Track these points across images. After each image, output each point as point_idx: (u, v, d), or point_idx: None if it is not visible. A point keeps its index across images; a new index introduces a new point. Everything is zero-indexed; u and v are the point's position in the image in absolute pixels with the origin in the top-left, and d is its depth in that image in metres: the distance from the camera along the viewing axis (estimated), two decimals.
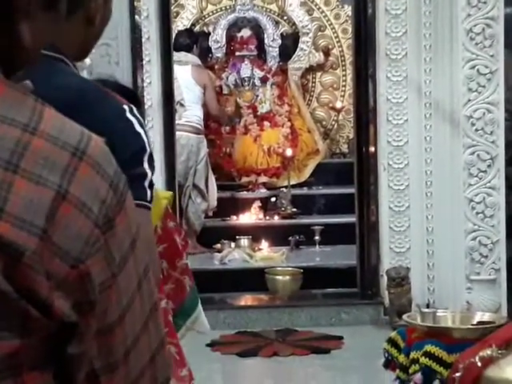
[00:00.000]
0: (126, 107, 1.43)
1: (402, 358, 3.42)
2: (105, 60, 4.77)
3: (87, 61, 4.16)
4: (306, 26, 8.61)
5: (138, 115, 1.46)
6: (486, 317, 3.65)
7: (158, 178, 5.55)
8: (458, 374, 2.04)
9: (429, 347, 3.29)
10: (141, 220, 0.89)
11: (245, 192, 7.97)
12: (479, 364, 2.02)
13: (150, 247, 1.37)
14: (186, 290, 2.53)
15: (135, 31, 5.19)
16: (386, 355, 3.55)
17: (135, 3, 5.24)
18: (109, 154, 0.80)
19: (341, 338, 5.36)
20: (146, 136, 1.46)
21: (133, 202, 0.82)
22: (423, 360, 3.28)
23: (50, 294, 0.74)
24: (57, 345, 0.77)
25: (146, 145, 1.45)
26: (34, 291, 0.73)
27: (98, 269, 0.77)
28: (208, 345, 5.21)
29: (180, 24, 8.34)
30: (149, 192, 1.44)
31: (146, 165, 1.44)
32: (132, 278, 0.81)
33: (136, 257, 0.81)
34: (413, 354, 3.34)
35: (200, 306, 2.62)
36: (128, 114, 1.43)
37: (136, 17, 5.26)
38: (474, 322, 3.54)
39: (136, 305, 0.81)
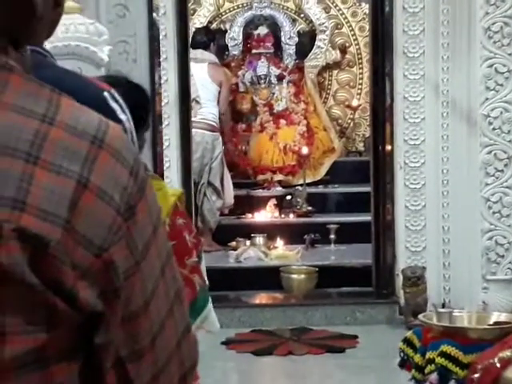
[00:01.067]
0: (106, 94, 1.41)
1: (417, 358, 3.41)
2: (122, 57, 4.77)
3: (105, 58, 4.17)
4: (323, 23, 8.59)
5: (121, 100, 1.43)
6: (503, 317, 3.62)
7: (174, 175, 5.55)
8: (476, 375, 2.03)
9: (445, 347, 3.28)
10: None
11: (260, 190, 7.96)
12: (498, 365, 2.01)
13: None
14: (195, 288, 2.52)
15: (153, 28, 5.19)
16: (402, 355, 3.53)
17: (153, 0, 5.24)
18: (127, 140, 0.80)
19: (356, 337, 5.34)
20: (129, 121, 1.43)
21: (153, 188, 0.82)
22: (439, 360, 3.27)
23: (76, 284, 0.74)
24: (83, 335, 0.76)
25: (128, 131, 1.42)
26: (60, 282, 0.73)
27: (121, 257, 0.77)
28: (223, 343, 5.21)
29: (197, 21, 8.35)
30: None
31: None
32: (155, 264, 0.81)
33: (158, 243, 0.81)
34: (429, 354, 3.32)
35: (210, 304, 2.61)
36: (110, 102, 1.41)
37: (154, 14, 5.26)
38: (491, 323, 3.52)
39: (160, 291, 0.81)
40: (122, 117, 1.41)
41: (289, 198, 7.80)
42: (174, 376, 0.84)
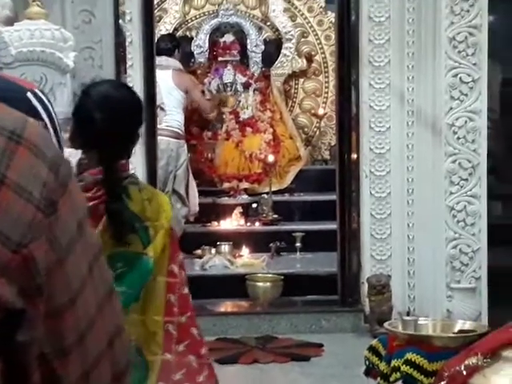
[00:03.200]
0: (29, 95, 1.38)
1: (382, 366, 3.41)
2: (88, 63, 4.74)
3: (71, 64, 4.14)
4: (289, 32, 8.61)
5: (44, 97, 1.41)
6: (467, 325, 3.65)
7: None
8: (442, 383, 2.04)
9: (410, 355, 3.29)
10: None
11: (226, 198, 7.95)
12: (464, 372, 2.02)
13: None
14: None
15: (119, 35, 5.16)
16: (367, 363, 3.54)
17: (119, 7, 5.21)
18: (47, 136, 0.80)
19: (321, 345, 5.34)
20: (51, 119, 1.40)
21: (78, 185, 0.81)
22: (404, 368, 3.28)
23: None
24: (4, 333, 0.75)
25: (51, 131, 1.38)
26: None
27: (42, 252, 0.76)
28: None
29: (163, 28, 8.32)
30: None
31: None
32: (81, 261, 0.80)
33: (84, 240, 0.80)
34: (394, 362, 3.33)
35: None
36: (33, 101, 1.38)
37: (120, 20, 5.23)
38: (455, 331, 3.55)
39: (88, 289, 0.80)
40: (44, 116, 1.38)
41: (254, 206, 7.80)
42: (106, 375, 0.83)
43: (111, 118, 2.46)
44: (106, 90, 2.55)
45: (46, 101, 1.39)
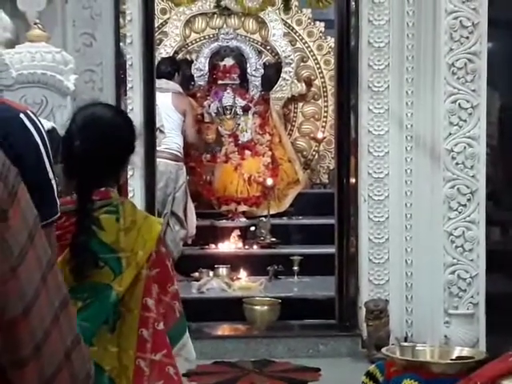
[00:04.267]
0: (22, 116, 1.39)
1: None
2: (89, 86, 4.75)
3: (71, 87, 4.15)
4: (289, 56, 8.64)
5: (36, 119, 1.41)
6: (465, 352, 3.64)
7: (138, 204, 5.52)
8: None
9: (407, 381, 3.28)
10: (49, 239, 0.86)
11: (224, 220, 7.95)
12: None
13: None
14: (176, 314, 2.55)
15: (119, 58, 5.18)
16: None
17: (120, 30, 5.24)
18: None
19: (318, 369, 5.32)
20: (43, 140, 1.40)
21: (26, 193, 0.80)
22: None
23: None
24: None
25: (43, 152, 1.38)
26: None
27: None
28: (184, 375, 5.14)
29: (163, 51, 8.36)
30: (58, 202, 1.36)
31: (50, 175, 1.36)
32: (34, 270, 0.79)
33: (36, 249, 0.79)
34: None
35: (187, 332, 2.63)
36: (26, 122, 1.39)
37: (120, 43, 5.26)
38: (453, 357, 3.54)
39: (42, 298, 0.79)
40: (36, 137, 1.38)
41: (253, 229, 7.80)
42: None
43: (92, 145, 2.38)
44: (92, 114, 2.47)
45: (39, 122, 1.40)
